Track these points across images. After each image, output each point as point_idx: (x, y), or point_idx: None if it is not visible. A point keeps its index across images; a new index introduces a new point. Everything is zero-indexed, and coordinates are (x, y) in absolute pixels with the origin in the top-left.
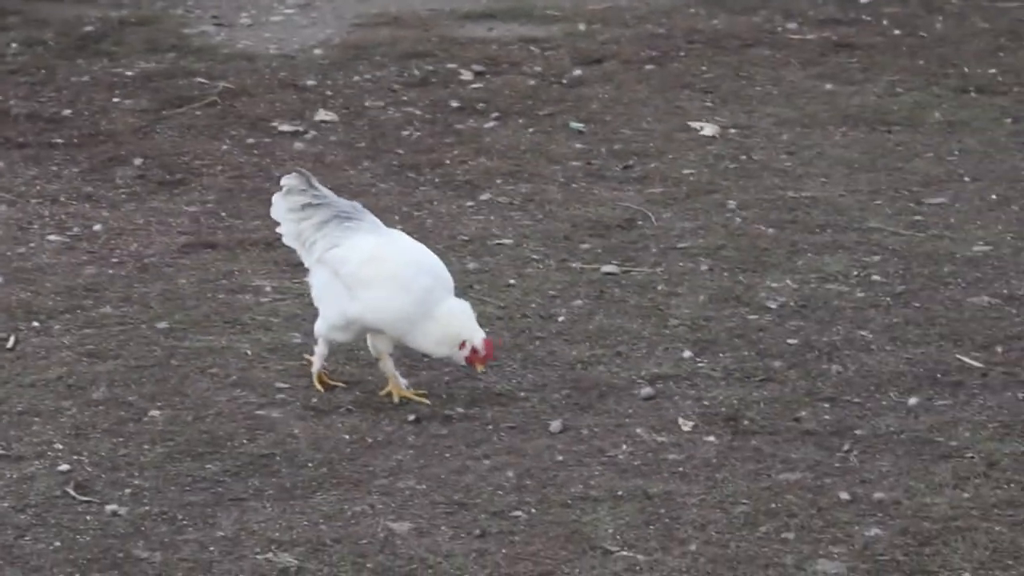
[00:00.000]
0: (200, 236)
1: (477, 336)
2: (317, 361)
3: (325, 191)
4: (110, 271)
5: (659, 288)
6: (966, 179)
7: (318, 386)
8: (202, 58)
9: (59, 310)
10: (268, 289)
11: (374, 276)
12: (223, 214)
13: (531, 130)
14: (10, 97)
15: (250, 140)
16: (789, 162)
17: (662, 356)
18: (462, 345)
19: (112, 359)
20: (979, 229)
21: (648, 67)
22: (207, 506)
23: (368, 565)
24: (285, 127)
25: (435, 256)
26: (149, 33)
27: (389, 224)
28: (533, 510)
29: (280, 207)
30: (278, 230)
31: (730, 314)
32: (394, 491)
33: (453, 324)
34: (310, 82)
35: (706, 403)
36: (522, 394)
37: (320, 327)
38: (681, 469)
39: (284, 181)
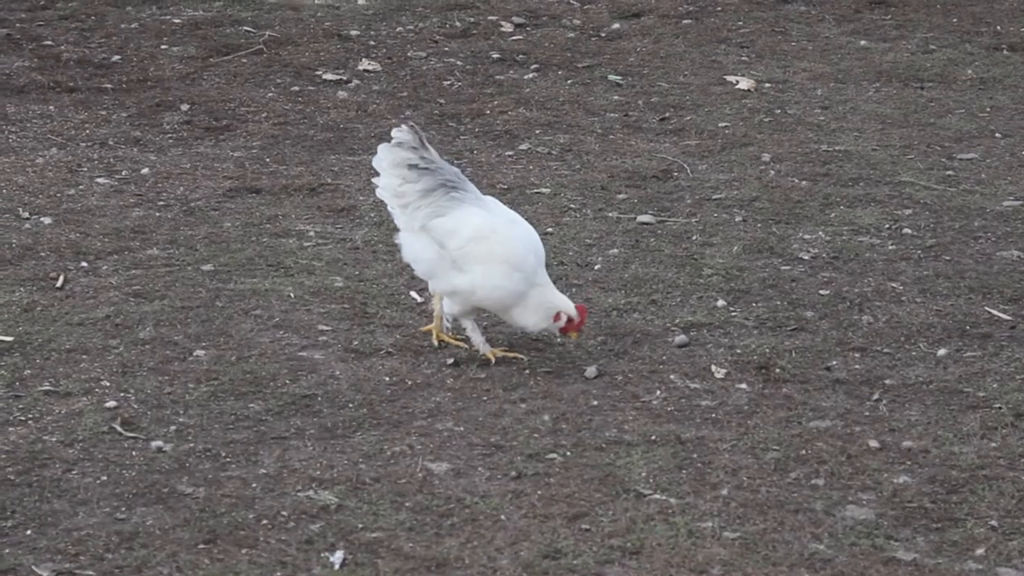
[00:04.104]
0: (245, 181)
1: (570, 306)
2: (437, 322)
3: (433, 153)
4: (157, 214)
5: (694, 238)
6: (997, 135)
7: (435, 341)
8: (248, 7)
9: (107, 251)
10: (311, 234)
11: (486, 254)
12: (267, 160)
13: (570, 82)
14: (61, 43)
15: (294, 88)
16: (823, 116)
17: (696, 305)
18: (557, 316)
19: (158, 299)
20: (1010, 184)
21: (686, 21)
22: (250, 444)
23: (407, 504)
24: (329, 76)
25: (531, 227)
26: None
27: None
28: (568, 453)
29: (385, 158)
30: (375, 180)
31: (763, 264)
32: (432, 432)
33: (546, 297)
34: (354, 32)
35: (739, 351)
36: (558, 339)
37: (449, 308)
38: (713, 415)
39: (395, 134)
